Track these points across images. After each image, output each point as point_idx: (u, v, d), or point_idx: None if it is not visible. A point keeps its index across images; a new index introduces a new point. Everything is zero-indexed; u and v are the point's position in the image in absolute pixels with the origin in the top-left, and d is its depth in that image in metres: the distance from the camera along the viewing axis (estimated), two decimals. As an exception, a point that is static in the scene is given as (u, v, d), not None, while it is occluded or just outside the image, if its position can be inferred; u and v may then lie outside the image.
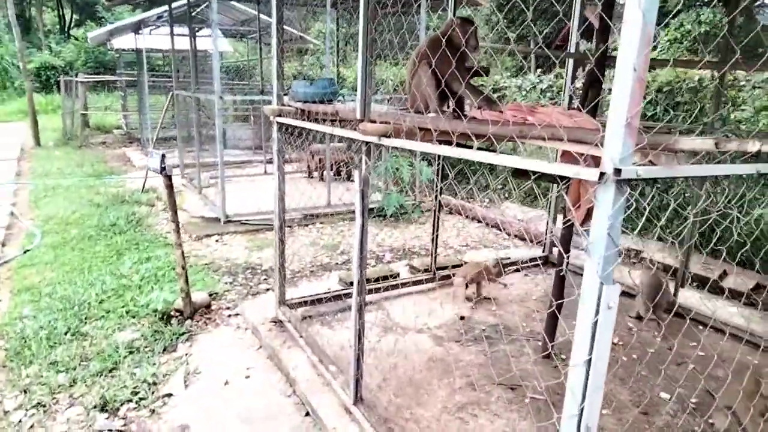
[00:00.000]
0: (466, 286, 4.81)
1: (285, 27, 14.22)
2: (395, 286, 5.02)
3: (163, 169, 4.00)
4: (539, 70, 10.22)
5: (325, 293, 4.68)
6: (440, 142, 2.30)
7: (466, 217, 8.20)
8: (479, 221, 7.91)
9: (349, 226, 7.53)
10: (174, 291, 4.75)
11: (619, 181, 1.48)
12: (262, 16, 10.93)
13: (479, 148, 2.05)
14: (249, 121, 15.25)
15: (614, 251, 1.53)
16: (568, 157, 2.39)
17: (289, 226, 7.35)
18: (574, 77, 5.31)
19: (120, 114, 19.53)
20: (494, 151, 1.94)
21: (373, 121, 2.73)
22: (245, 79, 18.02)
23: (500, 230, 7.47)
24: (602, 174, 1.50)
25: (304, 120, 3.65)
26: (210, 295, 4.91)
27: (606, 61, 3.34)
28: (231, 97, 9.83)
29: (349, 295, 4.69)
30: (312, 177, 10.41)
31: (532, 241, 6.84)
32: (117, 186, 9.82)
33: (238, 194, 8.23)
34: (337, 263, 6.08)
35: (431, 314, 4.45)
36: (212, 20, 7.16)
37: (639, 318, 4.59)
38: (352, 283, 5.24)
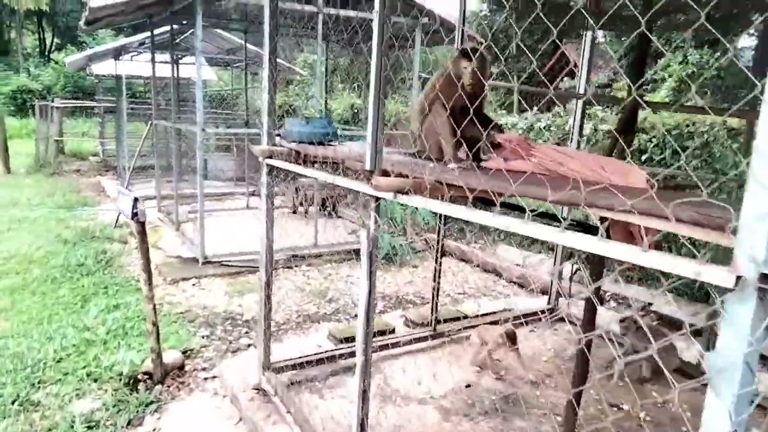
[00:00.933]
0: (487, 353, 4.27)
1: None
2: (392, 345, 4.52)
3: (134, 214, 3.51)
4: (534, 108, 10.00)
5: (314, 354, 4.17)
6: (475, 201, 1.89)
7: (462, 260, 7.78)
8: (477, 265, 7.48)
9: (337, 269, 7.04)
10: (143, 349, 4.20)
11: (764, 290, 1.06)
12: (248, 45, 10.58)
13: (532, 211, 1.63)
14: (232, 151, 14.78)
15: (753, 387, 1.10)
16: (619, 230, 1.99)
17: (274, 269, 6.83)
18: (583, 118, 4.99)
19: (97, 141, 18.91)
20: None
21: (387, 173, 2.31)
22: (229, 108, 17.63)
23: (499, 276, 7.04)
24: (738, 278, 1.08)
25: (298, 164, 3.22)
26: (184, 352, 4.37)
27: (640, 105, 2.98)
28: (213, 130, 9.38)
29: (341, 356, 4.19)
30: (296, 213, 9.93)
31: (533, 290, 6.43)
32: (88, 219, 9.20)
33: (219, 231, 7.70)
34: (325, 313, 5.58)
35: (434, 379, 3.97)
36: (196, 48, 6.75)
37: (642, 381, 4.16)
38: (343, 340, 4.78)
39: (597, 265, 3.25)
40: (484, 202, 3.30)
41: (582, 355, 3.35)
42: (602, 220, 1.59)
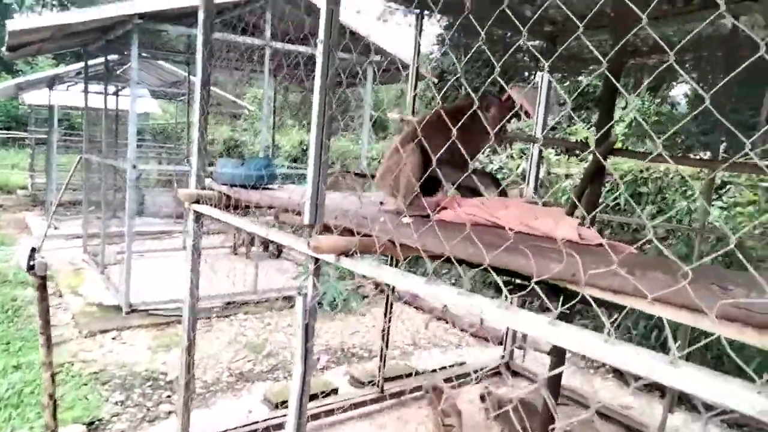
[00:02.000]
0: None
1: (217, 91, 13.43)
2: (333, 411, 4.04)
3: (31, 267, 2.96)
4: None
5: (243, 426, 3.64)
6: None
7: (413, 306, 7.41)
8: (429, 312, 7.12)
9: (278, 318, 6.52)
10: (37, 425, 3.56)
11: None
12: (192, 77, 10.13)
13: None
14: (172, 186, 14.06)
15: None
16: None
17: (208, 318, 6.26)
18: (539, 162, 4.81)
19: (27, 174, 17.67)
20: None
21: (329, 229, 1.93)
22: (172, 141, 16.94)
23: (451, 325, 6.71)
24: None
25: (229, 211, 2.80)
26: (90, 424, 3.75)
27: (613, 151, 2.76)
28: (145, 167, 8.79)
29: (278, 427, 3.70)
30: (237, 253, 9.35)
31: (487, 340, 6.11)
32: (3, 260, 8.31)
33: (149, 275, 7.03)
34: (261, 370, 5.05)
35: (382, 453, 3.53)
36: (132, 79, 6.26)
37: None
38: (279, 405, 4.27)
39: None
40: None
41: (545, 413, 3.03)
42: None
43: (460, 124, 1.57)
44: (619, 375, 5.28)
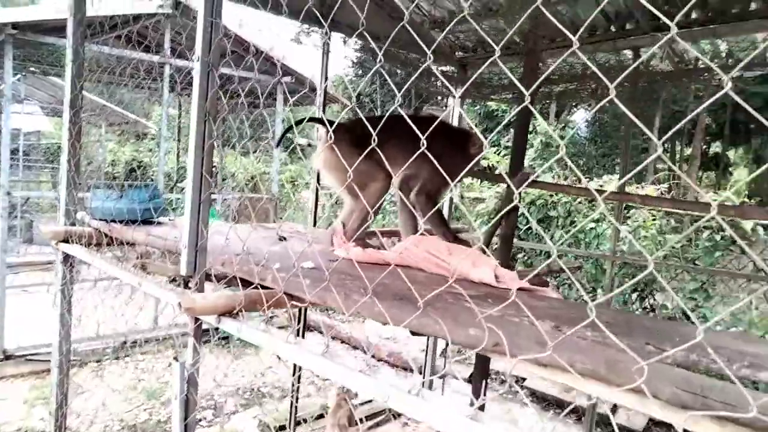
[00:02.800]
0: None
1: (118, 109, 12.51)
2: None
3: None
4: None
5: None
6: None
7: (332, 337, 7.08)
8: (343, 341, 6.83)
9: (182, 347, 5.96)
10: None
11: None
12: (86, 93, 9.33)
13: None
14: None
15: None
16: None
17: (98, 361, 5.60)
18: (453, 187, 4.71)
19: None
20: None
21: (209, 278, 1.63)
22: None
23: (366, 353, 6.45)
24: None
25: (103, 250, 2.41)
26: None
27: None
28: (23, 193, 7.93)
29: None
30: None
31: (406, 369, 5.92)
32: None
33: (31, 312, 6.22)
34: (159, 420, 4.53)
35: None
36: (5, 95, 5.57)
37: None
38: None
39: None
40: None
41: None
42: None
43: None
44: (538, 399, 5.26)
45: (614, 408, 4.85)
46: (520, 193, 2.58)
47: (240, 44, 5.68)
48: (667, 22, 0.73)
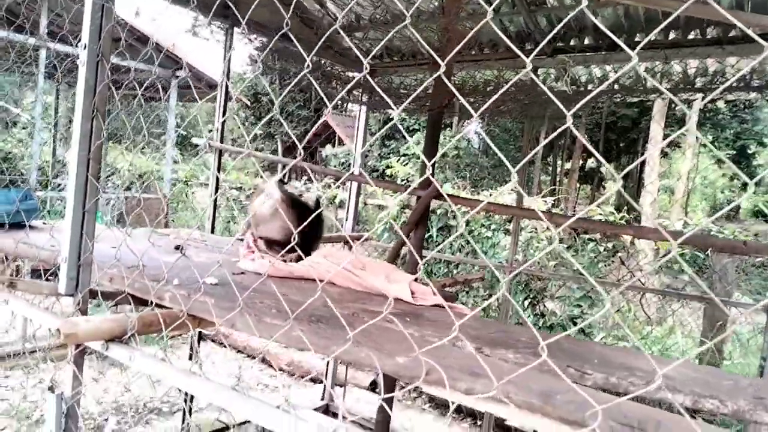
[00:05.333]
0: None
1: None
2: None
3: None
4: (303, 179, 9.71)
5: None
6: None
7: (223, 345, 6.75)
8: (240, 351, 6.53)
9: (56, 371, 5.37)
10: None
11: None
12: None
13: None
14: None
15: None
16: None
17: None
18: (358, 197, 4.68)
19: None
20: None
21: (93, 296, 1.43)
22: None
23: (267, 364, 6.22)
24: None
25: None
26: None
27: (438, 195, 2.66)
28: None
29: None
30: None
31: (306, 378, 5.77)
32: None
33: None
34: (27, 446, 4.03)
35: None
36: None
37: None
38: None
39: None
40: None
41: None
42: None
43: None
44: (437, 405, 5.35)
45: None
46: (428, 206, 2.57)
47: (131, 33, 5.24)
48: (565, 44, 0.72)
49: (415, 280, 1.88)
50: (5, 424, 4.30)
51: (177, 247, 2.39)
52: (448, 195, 3.19)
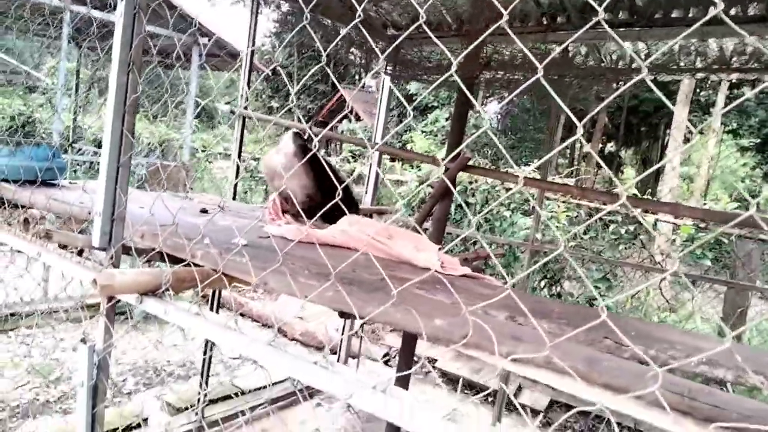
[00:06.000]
0: None
1: (7, 58, 11.22)
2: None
3: None
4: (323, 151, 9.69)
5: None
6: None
7: (238, 313, 6.83)
8: (254, 319, 6.61)
9: (74, 332, 5.48)
10: None
11: None
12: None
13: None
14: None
15: None
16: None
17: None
18: (378, 168, 4.65)
19: None
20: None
21: (126, 252, 1.44)
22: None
23: (282, 333, 6.29)
24: None
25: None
26: None
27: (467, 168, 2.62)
28: None
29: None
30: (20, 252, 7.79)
31: (320, 348, 5.84)
32: None
33: None
34: (48, 400, 4.13)
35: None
36: None
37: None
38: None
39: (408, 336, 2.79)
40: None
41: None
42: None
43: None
44: (449, 380, 5.39)
45: (519, 388, 5.08)
46: (456, 175, 2.54)
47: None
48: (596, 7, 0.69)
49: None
50: (27, 380, 4.41)
51: (203, 211, 2.40)
52: (478, 168, 3.15)
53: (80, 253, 1.56)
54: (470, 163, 2.84)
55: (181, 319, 1.20)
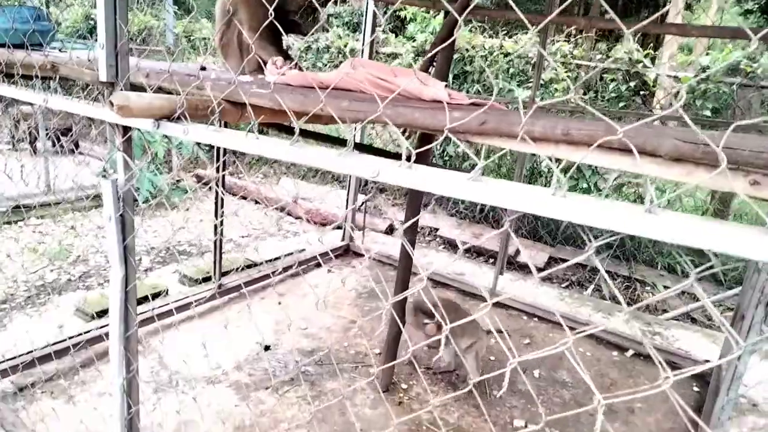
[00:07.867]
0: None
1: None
2: (166, 314, 3.61)
3: None
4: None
5: (52, 345, 3.06)
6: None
7: (241, 197, 6.94)
8: (257, 201, 6.73)
9: (82, 220, 5.60)
10: None
11: None
12: None
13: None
14: None
15: None
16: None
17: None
18: (373, 30, 4.48)
19: None
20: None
21: (137, 88, 1.43)
22: None
23: (287, 213, 6.44)
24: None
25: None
26: None
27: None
28: None
29: (94, 341, 3.20)
30: (17, 149, 7.74)
31: (325, 224, 6.01)
32: None
33: None
34: (70, 279, 4.33)
35: (225, 349, 3.27)
36: None
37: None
38: (96, 315, 3.70)
39: (414, 197, 2.87)
40: (278, 127, 2.58)
41: (398, 309, 2.99)
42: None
43: None
44: (450, 246, 5.61)
45: (516, 252, 5.30)
46: (455, 22, 2.47)
47: None
48: None
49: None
50: (46, 263, 4.58)
51: (202, 68, 2.36)
52: (482, 8, 3.03)
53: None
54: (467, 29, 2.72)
55: (204, 135, 1.21)
